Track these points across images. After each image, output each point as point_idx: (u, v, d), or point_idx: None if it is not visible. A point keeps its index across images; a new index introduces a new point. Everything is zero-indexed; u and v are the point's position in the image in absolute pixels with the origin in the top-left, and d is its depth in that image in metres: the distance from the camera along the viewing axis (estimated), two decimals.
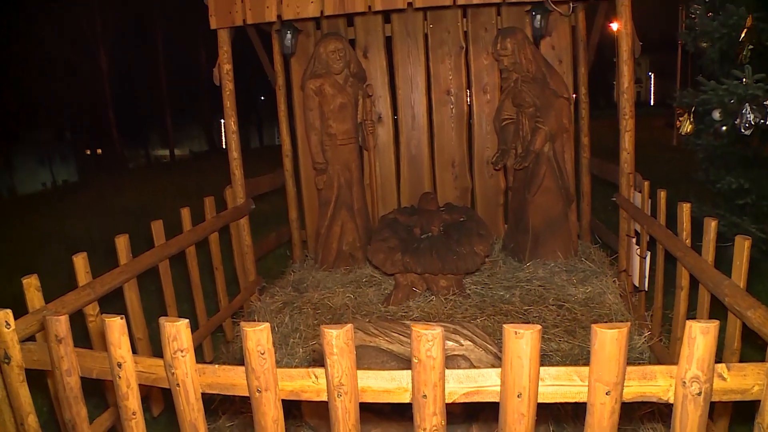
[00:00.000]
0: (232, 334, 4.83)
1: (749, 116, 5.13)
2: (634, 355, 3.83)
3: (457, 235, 4.80)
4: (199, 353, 4.12)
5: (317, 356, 2.93)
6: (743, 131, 5.20)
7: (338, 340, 1.77)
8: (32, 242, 10.44)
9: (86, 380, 2.22)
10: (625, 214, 4.76)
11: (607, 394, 1.71)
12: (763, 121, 5.11)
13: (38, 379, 2.68)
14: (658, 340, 3.87)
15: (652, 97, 48.46)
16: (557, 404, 2.66)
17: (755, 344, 2.58)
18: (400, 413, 2.54)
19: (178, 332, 1.88)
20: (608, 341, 1.65)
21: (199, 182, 15.60)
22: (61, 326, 2.12)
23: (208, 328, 4.46)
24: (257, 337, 1.81)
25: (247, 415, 3.13)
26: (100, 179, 24.58)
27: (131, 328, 3.58)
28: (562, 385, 1.77)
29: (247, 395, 1.92)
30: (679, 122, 5.92)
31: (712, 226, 3.05)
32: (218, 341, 4.82)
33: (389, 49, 6.14)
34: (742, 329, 2.66)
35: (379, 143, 6.16)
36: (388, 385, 1.86)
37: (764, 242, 5.26)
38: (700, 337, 1.66)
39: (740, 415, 2.79)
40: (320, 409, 2.55)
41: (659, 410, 3.02)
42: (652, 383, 1.76)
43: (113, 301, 3.52)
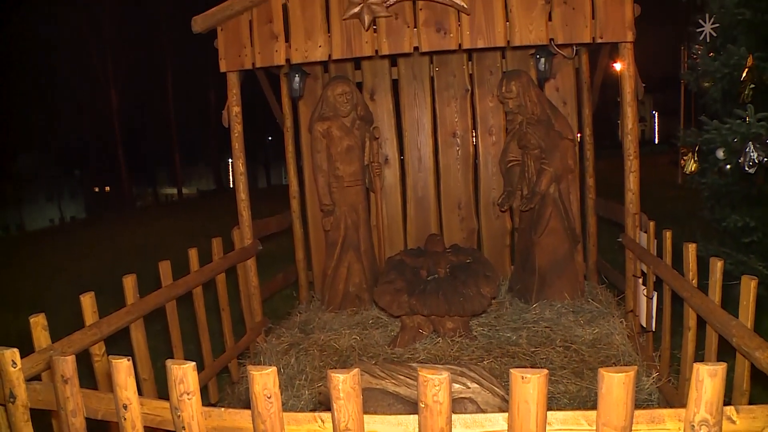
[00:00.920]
0: (237, 375, 4.81)
1: (753, 155, 5.16)
2: (642, 396, 3.79)
3: (463, 276, 4.79)
4: (204, 394, 4.11)
5: (323, 398, 2.91)
6: (747, 169, 5.23)
7: (345, 384, 1.77)
8: (39, 278, 10.49)
9: (91, 420, 2.22)
10: (631, 254, 4.75)
11: None
12: (766, 159, 5.13)
13: (42, 418, 2.67)
14: (666, 381, 3.84)
15: (656, 135, 48.66)
16: None
17: (765, 384, 2.56)
18: None
19: (184, 375, 1.89)
20: (615, 385, 1.65)
21: (206, 221, 15.67)
22: (67, 367, 2.12)
23: (213, 368, 4.45)
24: (264, 380, 1.81)
25: None
26: (107, 217, 24.76)
27: (137, 368, 3.58)
28: (569, 429, 1.77)
29: None
30: (683, 161, 5.95)
31: (718, 266, 3.05)
32: (224, 382, 4.80)
33: (396, 92, 6.23)
34: (750, 369, 2.64)
35: (385, 185, 6.21)
36: (395, 429, 1.85)
37: None
38: (707, 379, 1.66)
39: None
40: None
41: None
42: (660, 427, 1.75)
43: (119, 340, 3.53)
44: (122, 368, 1.98)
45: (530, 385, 1.67)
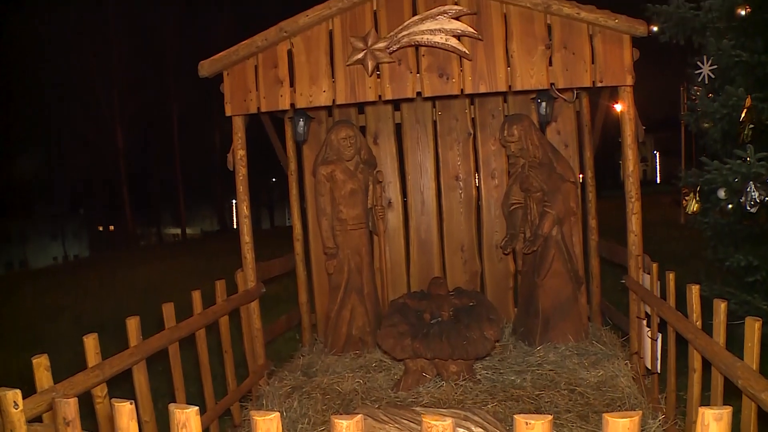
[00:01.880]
0: (240, 418, 4.77)
1: (754, 194, 5.19)
2: None
3: (467, 319, 4.79)
4: None
5: None
6: (749, 209, 5.25)
7: (348, 431, 1.77)
8: (42, 317, 10.47)
9: None
10: (634, 296, 4.75)
11: None
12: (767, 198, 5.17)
13: None
14: (673, 423, 3.81)
15: (658, 175, 48.84)
16: None
17: None
18: None
19: (187, 419, 1.89)
20: (620, 431, 1.65)
21: (209, 262, 15.68)
22: (70, 409, 2.13)
23: (216, 411, 4.42)
24: (267, 426, 1.81)
25: None
26: (111, 255, 24.76)
27: (138, 410, 3.55)
28: None
29: None
30: (685, 201, 5.98)
31: (721, 308, 3.05)
32: (225, 425, 4.76)
33: (399, 135, 6.31)
34: (757, 412, 2.63)
35: (389, 228, 6.24)
36: None
37: None
38: (713, 424, 1.66)
39: None
40: None
41: None
42: None
43: (121, 381, 3.52)
44: (125, 412, 1.98)
45: (534, 431, 1.67)
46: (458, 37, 4.69)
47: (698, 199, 5.81)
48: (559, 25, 4.71)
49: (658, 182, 45.97)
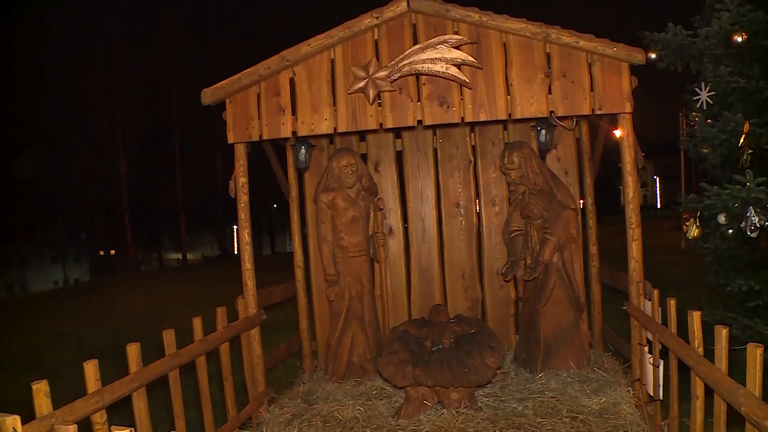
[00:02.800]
0: None
1: (754, 219, 5.21)
2: None
3: (468, 347, 4.78)
4: None
5: None
6: (749, 234, 5.27)
7: None
8: (41, 341, 10.45)
9: None
10: (636, 322, 4.74)
11: None
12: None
13: None
14: None
15: (658, 200, 48.96)
16: None
17: None
18: None
19: None
20: None
21: (210, 288, 15.67)
22: None
23: None
24: None
25: None
26: (112, 280, 24.74)
27: None
28: None
29: None
30: (685, 227, 5.99)
31: (723, 334, 3.05)
32: None
33: (400, 163, 6.35)
34: None
35: (389, 255, 6.26)
36: None
37: None
38: None
39: None
40: None
41: None
42: None
43: (121, 407, 3.51)
44: None
45: None
46: (458, 65, 4.74)
47: (698, 224, 5.83)
48: (558, 53, 4.76)
49: (658, 207, 46.12)
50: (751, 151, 5.40)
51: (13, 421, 2.33)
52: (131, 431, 1.99)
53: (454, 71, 4.72)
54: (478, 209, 6.29)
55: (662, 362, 4.13)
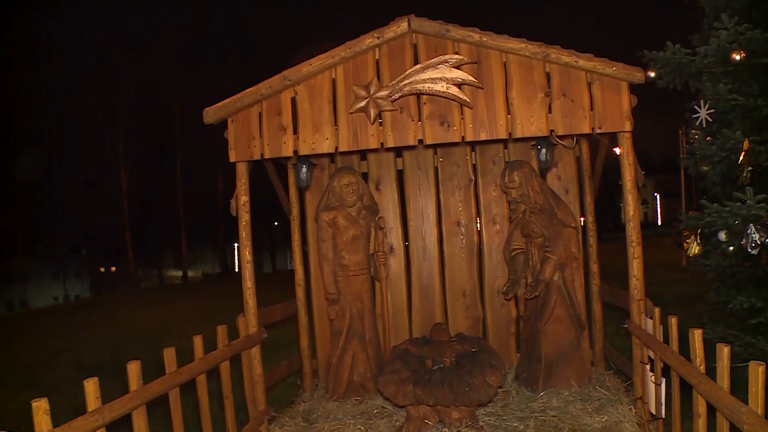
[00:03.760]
0: None
1: (755, 236, 5.22)
2: None
3: (469, 366, 4.77)
4: None
5: None
6: (750, 251, 5.28)
7: None
8: (41, 357, 10.43)
9: None
10: (637, 340, 4.73)
11: None
12: None
13: None
14: None
15: (659, 217, 48.97)
16: None
17: None
18: None
19: None
20: None
21: (210, 305, 15.64)
22: None
23: None
24: None
25: None
26: (112, 297, 24.70)
27: None
28: None
29: None
30: (686, 244, 6.00)
31: (725, 352, 3.04)
32: None
33: (401, 182, 6.36)
34: None
35: (390, 274, 6.25)
36: None
37: None
38: None
39: None
40: None
41: None
42: None
43: (121, 425, 3.50)
44: None
45: None
46: (459, 85, 4.76)
47: (699, 241, 5.84)
48: (558, 73, 4.79)
49: (659, 224, 46.11)
50: (750, 168, 5.42)
51: None
52: None
53: (454, 91, 4.75)
54: (478, 228, 6.29)
55: (664, 380, 4.12)
